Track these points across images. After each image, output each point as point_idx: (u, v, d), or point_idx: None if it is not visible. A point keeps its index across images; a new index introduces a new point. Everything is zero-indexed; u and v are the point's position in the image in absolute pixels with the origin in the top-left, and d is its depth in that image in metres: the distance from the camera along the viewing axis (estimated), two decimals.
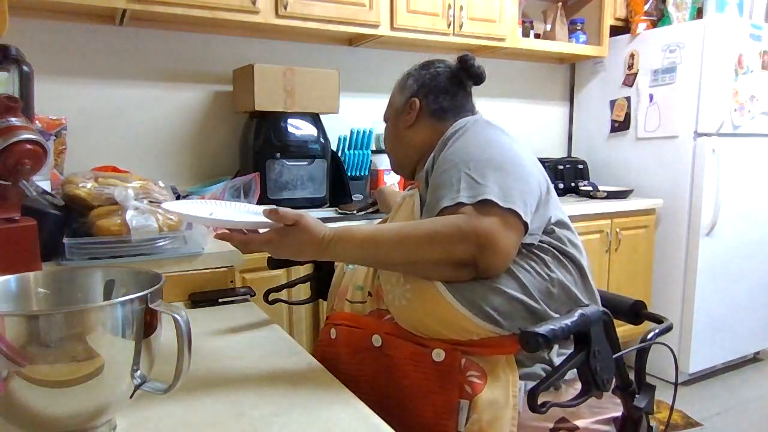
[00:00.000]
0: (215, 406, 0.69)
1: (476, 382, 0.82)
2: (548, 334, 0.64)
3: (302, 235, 0.84)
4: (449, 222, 0.83)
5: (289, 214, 0.83)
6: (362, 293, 0.99)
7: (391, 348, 0.90)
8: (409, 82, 1.21)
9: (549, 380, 0.66)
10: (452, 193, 0.87)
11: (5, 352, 0.50)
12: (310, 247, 0.84)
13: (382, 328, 0.93)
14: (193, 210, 0.91)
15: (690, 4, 2.80)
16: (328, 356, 0.98)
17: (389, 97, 1.25)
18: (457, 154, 0.93)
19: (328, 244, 0.85)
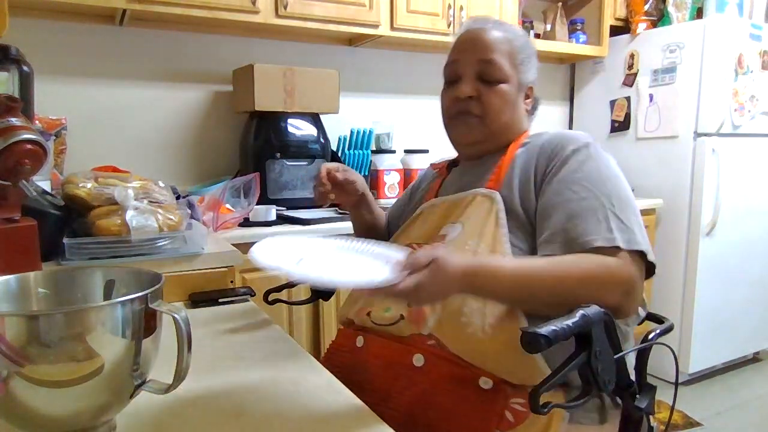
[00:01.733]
0: (215, 406, 0.69)
1: (520, 410, 0.80)
2: (549, 335, 0.64)
3: (443, 275, 0.72)
4: (606, 264, 0.80)
5: (421, 260, 0.72)
6: (390, 315, 0.93)
7: (434, 368, 0.85)
8: (534, 63, 1.10)
9: (550, 380, 0.66)
10: (605, 232, 0.83)
11: (5, 352, 0.50)
12: (453, 285, 0.74)
13: (427, 349, 0.87)
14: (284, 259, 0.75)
15: (690, 4, 2.80)
16: (350, 363, 0.94)
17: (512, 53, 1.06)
18: (595, 184, 0.88)
19: (474, 279, 0.76)
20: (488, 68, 1.03)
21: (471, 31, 1.07)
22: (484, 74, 1.03)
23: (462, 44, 1.07)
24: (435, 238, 0.98)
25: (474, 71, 1.04)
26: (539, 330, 0.64)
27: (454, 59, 1.07)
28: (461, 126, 1.06)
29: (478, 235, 0.92)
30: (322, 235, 1.87)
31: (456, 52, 1.08)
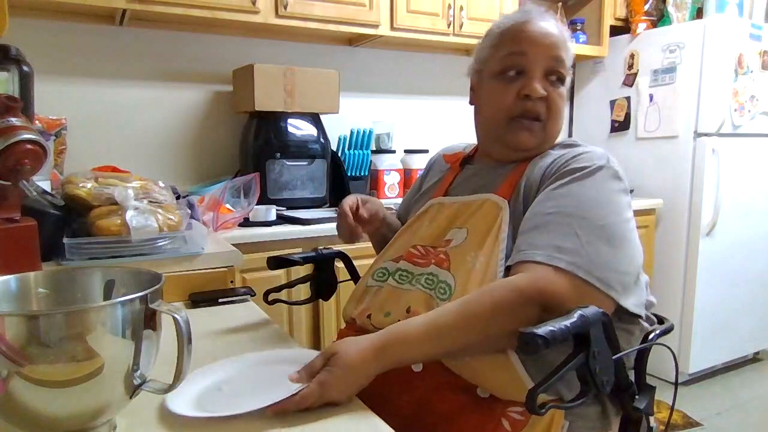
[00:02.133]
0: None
1: (518, 419, 0.79)
2: (547, 336, 0.64)
3: (345, 367, 0.69)
4: (515, 284, 0.75)
5: (316, 363, 0.70)
6: (390, 320, 0.90)
7: (432, 375, 0.84)
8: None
9: (547, 381, 0.66)
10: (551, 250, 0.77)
11: (5, 352, 0.50)
12: (363, 370, 0.71)
13: None
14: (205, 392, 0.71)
15: (690, 4, 2.80)
16: None
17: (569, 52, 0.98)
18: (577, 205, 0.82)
19: (384, 354, 0.72)
20: (558, 66, 0.94)
21: (536, 22, 0.95)
22: (554, 72, 0.94)
23: (531, 35, 0.94)
24: (441, 242, 0.96)
25: (543, 68, 0.93)
26: (537, 331, 0.64)
27: (522, 50, 0.93)
28: (524, 130, 0.94)
29: (478, 246, 0.89)
30: (319, 234, 1.87)
31: (523, 43, 0.93)
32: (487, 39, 1.00)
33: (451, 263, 0.90)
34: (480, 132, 1.04)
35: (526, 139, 0.94)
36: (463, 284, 0.85)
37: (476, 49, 1.03)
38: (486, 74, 0.99)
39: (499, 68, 0.96)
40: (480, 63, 1.01)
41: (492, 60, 0.97)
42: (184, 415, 0.63)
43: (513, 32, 0.95)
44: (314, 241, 1.85)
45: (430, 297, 0.89)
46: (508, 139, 0.96)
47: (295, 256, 1.12)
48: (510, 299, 0.74)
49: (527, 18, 0.96)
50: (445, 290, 0.87)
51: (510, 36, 0.96)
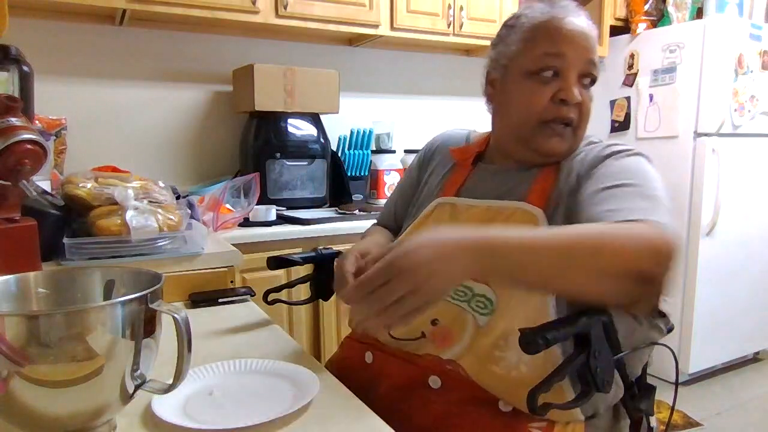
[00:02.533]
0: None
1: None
2: (548, 336, 0.64)
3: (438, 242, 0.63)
4: (640, 229, 0.68)
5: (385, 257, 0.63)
6: (410, 330, 0.85)
7: (451, 390, 0.80)
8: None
9: (549, 381, 0.66)
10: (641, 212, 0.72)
11: (5, 352, 0.50)
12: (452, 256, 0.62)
13: (444, 371, 0.81)
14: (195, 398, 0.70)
15: (690, 4, 2.80)
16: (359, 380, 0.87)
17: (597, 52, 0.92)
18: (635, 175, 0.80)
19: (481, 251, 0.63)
20: (592, 69, 0.88)
21: (571, 21, 0.87)
22: (587, 76, 0.89)
23: (569, 34, 0.86)
24: None
25: (578, 71, 0.87)
26: (538, 331, 0.64)
27: (560, 51, 0.86)
28: (555, 135, 0.88)
29: None
30: (319, 234, 1.87)
31: (561, 43, 0.86)
32: (514, 31, 0.91)
33: None
34: (502, 131, 0.96)
35: (556, 145, 0.88)
36: (507, 299, 0.79)
37: (498, 41, 0.94)
38: (515, 71, 0.90)
39: (533, 67, 0.87)
40: (505, 57, 0.91)
41: (523, 56, 0.88)
42: (170, 423, 0.62)
43: (550, 29, 0.87)
44: (314, 241, 1.85)
45: (462, 310, 0.82)
46: (538, 144, 0.89)
47: (295, 256, 1.12)
48: (654, 237, 0.66)
49: (563, 14, 0.88)
50: (485, 305, 0.81)
51: (547, 33, 0.87)
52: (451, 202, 0.95)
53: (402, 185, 1.15)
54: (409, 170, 1.14)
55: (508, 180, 0.92)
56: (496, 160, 0.98)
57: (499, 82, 0.94)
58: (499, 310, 0.79)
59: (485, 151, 1.01)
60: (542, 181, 0.88)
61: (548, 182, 0.87)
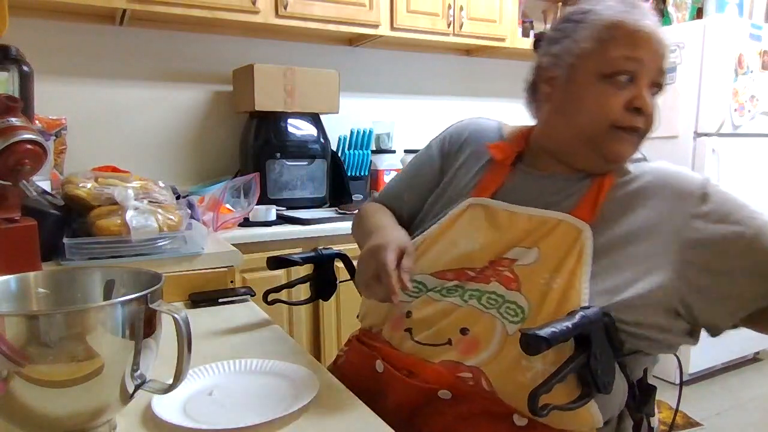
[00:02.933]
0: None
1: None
2: (549, 336, 0.63)
3: None
4: None
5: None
6: (435, 335, 0.82)
7: (463, 402, 0.77)
8: None
9: (549, 382, 0.66)
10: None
11: (5, 352, 0.50)
12: None
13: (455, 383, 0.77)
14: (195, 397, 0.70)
15: (690, 4, 2.80)
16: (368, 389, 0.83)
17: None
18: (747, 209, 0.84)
19: None
20: (661, 78, 0.84)
21: (645, 26, 0.82)
22: (657, 85, 0.84)
23: (648, 40, 0.82)
24: (499, 260, 0.83)
25: (651, 78, 0.83)
26: (538, 332, 0.63)
27: (639, 57, 0.81)
28: (624, 141, 0.84)
29: (554, 269, 0.78)
30: (319, 234, 1.87)
31: (641, 48, 0.81)
32: (584, 27, 0.84)
33: (522, 284, 0.79)
34: (563, 133, 0.87)
35: (626, 150, 0.84)
36: (538, 306, 0.76)
37: (562, 36, 0.87)
38: (585, 70, 0.83)
39: (608, 70, 0.81)
40: (572, 55, 0.84)
41: (597, 56, 0.82)
42: (170, 423, 0.62)
43: (629, 32, 0.81)
44: (314, 241, 1.85)
45: (492, 317, 0.78)
46: (608, 148, 0.83)
47: (295, 256, 1.11)
48: None
49: (640, 16, 0.82)
50: (516, 313, 0.77)
51: (626, 35, 0.81)
52: (485, 204, 0.89)
53: (418, 169, 1.06)
54: (427, 156, 1.05)
55: (553, 188, 0.87)
56: (539, 164, 0.91)
57: (562, 80, 0.86)
58: (530, 318, 0.76)
59: (525, 151, 0.94)
60: (590, 197, 0.83)
61: (594, 196, 0.83)
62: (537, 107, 0.94)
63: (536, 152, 0.92)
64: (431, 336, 0.82)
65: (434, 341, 0.81)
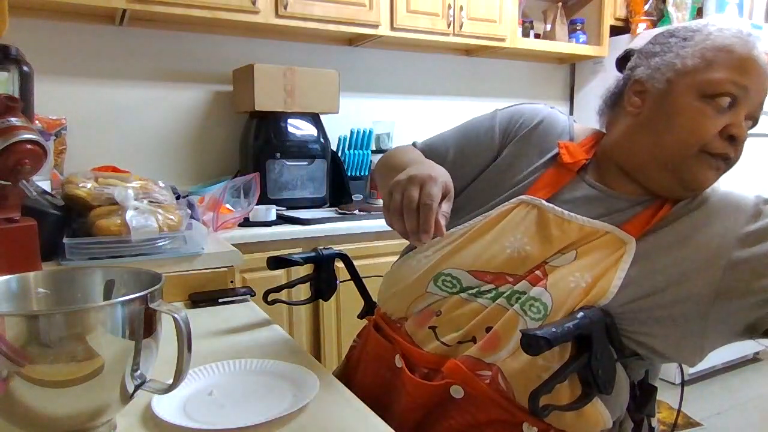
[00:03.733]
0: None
1: None
2: (550, 337, 0.64)
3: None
4: None
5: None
6: (461, 335, 0.80)
7: (473, 406, 0.75)
8: None
9: (550, 382, 0.66)
10: None
11: (5, 352, 0.50)
12: None
13: (470, 381, 0.76)
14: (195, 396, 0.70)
15: (690, 4, 2.80)
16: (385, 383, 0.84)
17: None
18: None
19: None
20: (759, 112, 0.81)
21: (761, 57, 0.79)
22: (753, 118, 0.81)
23: (757, 71, 0.78)
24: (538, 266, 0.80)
25: (749, 109, 0.79)
26: (539, 332, 0.63)
27: (746, 85, 0.77)
28: (711, 169, 0.79)
29: (586, 269, 0.77)
30: (319, 234, 1.87)
31: (749, 77, 0.78)
32: (690, 45, 0.81)
33: (548, 281, 0.77)
34: (644, 151, 0.82)
35: (710, 178, 0.80)
36: (562, 302, 0.74)
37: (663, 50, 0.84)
38: (685, 87, 0.79)
39: (710, 91, 0.77)
40: (672, 70, 0.81)
41: (701, 75, 0.78)
42: (170, 423, 0.62)
43: (740, 58, 0.78)
44: (314, 241, 1.85)
45: (515, 314, 0.77)
46: (692, 174, 0.79)
47: (295, 256, 1.11)
48: None
49: (752, 47, 0.79)
50: (539, 309, 0.75)
51: (737, 61, 0.78)
52: (537, 205, 0.84)
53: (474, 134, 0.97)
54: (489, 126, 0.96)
55: (611, 205, 0.83)
56: (608, 179, 0.86)
57: (656, 94, 0.82)
58: (552, 315, 0.74)
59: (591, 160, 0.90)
60: (645, 216, 0.81)
61: (654, 219, 0.80)
62: (615, 118, 0.90)
63: (605, 164, 0.88)
64: (458, 337, 0.80)
65: (459, 340, 0.80)
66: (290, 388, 0.72)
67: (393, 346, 0.86)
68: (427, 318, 0.84)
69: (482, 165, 0.93)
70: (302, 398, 0.67)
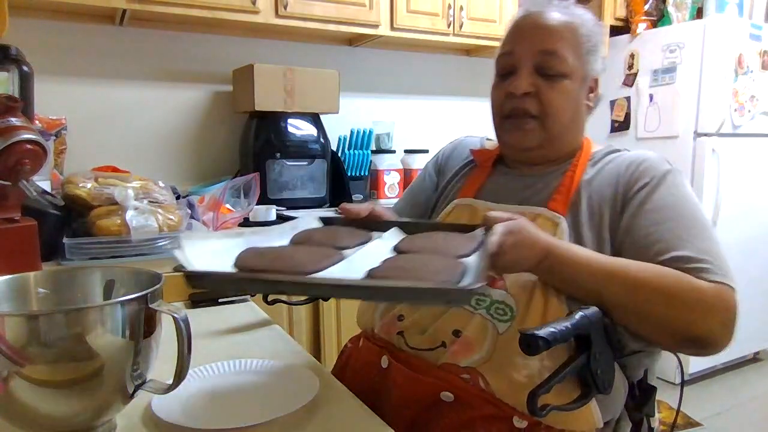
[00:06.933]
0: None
1: None
2: (548, 337, 0.64)
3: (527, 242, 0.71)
4: (700, 285, 0.71)
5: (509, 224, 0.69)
6: (428, 340, 0.83)
7: (464, 405, 0.77)
8: (601, 50, 0.97)
9: (549, 382, 0.66)
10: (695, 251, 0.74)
11: (5, 352, 0.50)
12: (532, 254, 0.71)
13: (457, 384, 0.78)
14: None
15: (690, 4, 2.80)
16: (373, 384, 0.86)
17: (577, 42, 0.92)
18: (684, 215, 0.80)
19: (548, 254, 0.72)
20: (550, 60, 0.88)
21: (530, 16, 0.91)
22: (545, 67, 0.88)
23: (519, 31, 0.91)
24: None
25: (532, 63, 0.88)
26: (538, 332, 0.64)
27: (509, 50, 0.91)
28: (515, 129, 0.90)
29: None
30: None
31: (511, 41, 0.91)
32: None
33: (506, 282, 0.81)
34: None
35: (519, 138, 0.91)
36: (526, 303, 0.78)
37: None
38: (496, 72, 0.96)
39: (496, 69, 0.95)
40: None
41: (495, 64, 0.96)
42: (170, 423, 0.62)
43: (508, 31, 0.94)
44: None
45: (483, 318, 0.79)
46: (504, 139, 0.94)
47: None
48: (694, 291, 0.70)
49: (522, 13, 0.93)
50: (505, 311, 0.79)
51: (506, 35, 0.94)
52: (469, 204, 0.93)
53: (417, 187, 1.12)
54: (425, 173, 1.11)
55: (528, 184, 0.92)
56: (514, 164, 0.97)
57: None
58: (519, 316, 0.77)
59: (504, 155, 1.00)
60: (563, 188, 0.87)
61: (567, 188, 0.87)
62: None
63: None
64: (425, 340, 0.83)
65: (429, 346, 0.82)
66: (290, 388, 0.72)
67: (380, 350, 0.89)
68: (392, 323, 0.88)
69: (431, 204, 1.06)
70: (302, 398, 0.67)
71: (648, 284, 0.72)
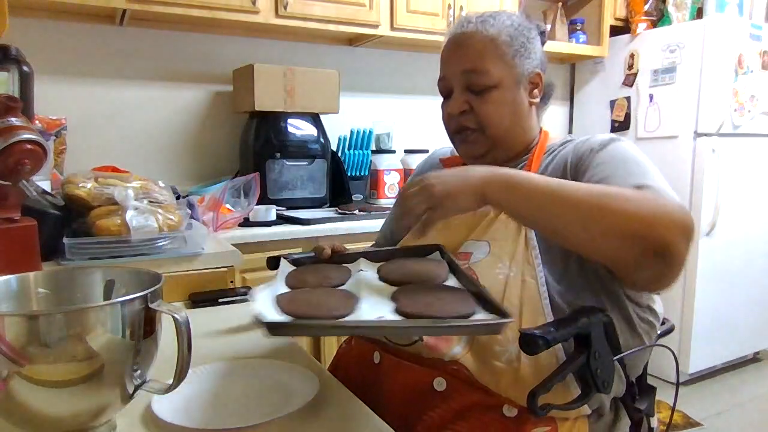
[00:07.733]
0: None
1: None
2: (548, 336, 0.64)
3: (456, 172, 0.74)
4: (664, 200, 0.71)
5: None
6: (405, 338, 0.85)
7: (456, 394, 0.80)
8: (534, 46, 0.99)
9: (549, 382, 0.66)
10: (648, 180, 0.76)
11: (5, 352, 0.50)
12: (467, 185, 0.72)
13: (450, 372, 0.80)
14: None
15: (690, 4, 2.80)
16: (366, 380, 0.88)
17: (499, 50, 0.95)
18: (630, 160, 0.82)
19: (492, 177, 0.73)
20: (474, 77, 0.94)
21: (451, 39, 0.99)
22: (472, 84, 0.95)
23: (446, 55, 0.99)
24: (456, 255, 0.89)
25: (461, 84, 0.96)
26: (538, 332, 0.64)
27: (442, 75, 0.99)
28: (462, 142, 1.00)
29: (510, 257, 0.84)
30: (319, 234, 1.87)
31: (443, 66, 1.00)
32: None
33: (480, 278, 0.83)
34: None
35: (467, 149, 1.00)
36: (498, 297, 0.79)
37: None
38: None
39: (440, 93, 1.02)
40: None
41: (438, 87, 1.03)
42: (170, 423, 0.62)
43: (441, 59, 1.00)
44: (314, 241, 1.85)
45: None
46: (458, 152, 1.03)
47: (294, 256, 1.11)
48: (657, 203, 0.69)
49: (448, 37, 1.00)
50: None
51: (441, 62, 1.00)
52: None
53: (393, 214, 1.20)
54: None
55: None
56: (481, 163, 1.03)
57: None
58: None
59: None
60: None
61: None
62: None
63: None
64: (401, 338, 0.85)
65: (405, 342, 0.85)
66: (290, 388, 0.72)
67: (372, 346, 0.91)
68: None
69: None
70: (302, 398, 0.67)
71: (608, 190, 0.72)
